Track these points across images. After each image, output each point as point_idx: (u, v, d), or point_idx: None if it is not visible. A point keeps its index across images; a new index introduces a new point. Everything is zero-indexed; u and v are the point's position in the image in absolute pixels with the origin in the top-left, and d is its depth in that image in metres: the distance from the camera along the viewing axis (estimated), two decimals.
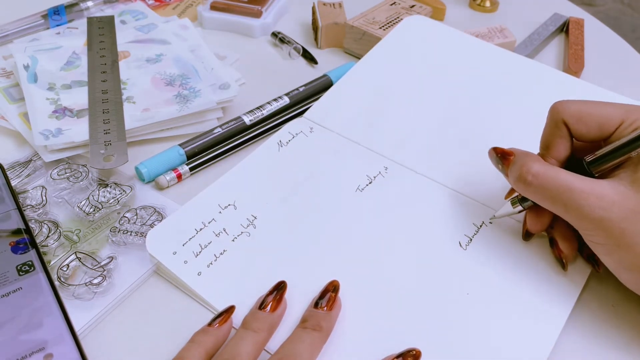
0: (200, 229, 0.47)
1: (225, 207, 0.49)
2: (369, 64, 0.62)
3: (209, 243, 0.46)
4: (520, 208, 0.45)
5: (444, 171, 0.52)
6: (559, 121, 0.43)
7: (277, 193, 0.50)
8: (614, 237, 0.38)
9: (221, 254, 0.45)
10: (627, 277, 0.40)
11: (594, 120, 0.42)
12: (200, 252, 0.45)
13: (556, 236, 0.44)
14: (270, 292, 0.42)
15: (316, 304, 0.41)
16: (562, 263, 0.44)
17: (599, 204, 0.38)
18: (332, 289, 0.42)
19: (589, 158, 0.42)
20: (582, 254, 0.45)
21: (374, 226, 0.48)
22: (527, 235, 0.46)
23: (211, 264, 0.45)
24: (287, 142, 0.55)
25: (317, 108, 0.58)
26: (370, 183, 0.51)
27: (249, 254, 0.46)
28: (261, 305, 0.41)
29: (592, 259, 0.44)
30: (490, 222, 0.48)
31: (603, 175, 0.41)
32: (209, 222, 0.47)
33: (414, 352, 0.39)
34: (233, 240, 0.46)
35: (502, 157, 0.44)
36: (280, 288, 0.42)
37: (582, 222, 0.39)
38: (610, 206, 0.38)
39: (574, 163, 0.44)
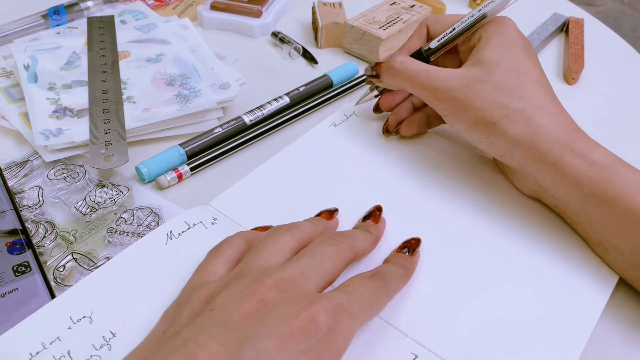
0: (37, 353, 0.36)
1: (79, 321, 0.38)
2: (297, 150, 0.56)
3: None
4: (376, 92, 0.58)
5: None
6: (422, 24, 0.55)
7: (149, 301, 0.40)
8: (459, 101, 0.48)
9: None
10: (476, 135, 0.48)
11: (448, 21, 0.53)
12: None
13: (392, 112, 0.57)
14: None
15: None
16: (386, 131, 0.57)
17: (448, 77, 0.49)
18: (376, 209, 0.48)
19: (425, 47, 0.53)
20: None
21: None
22: (377, 109, 0.58)
23: None
24: (179, 234, 0.45)
25: (226, 196, 0.50)
26: None
27: None
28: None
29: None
30: (355, 106, 0.60)
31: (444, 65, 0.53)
32: (51, 343, 0.37)
33: (413, 240, 0.45)
34: None
35: (377, 65, 0.54)
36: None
37: (436, 93, 0.49)
38: (456, 78, 0.48)
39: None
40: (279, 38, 0.72)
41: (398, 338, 0.40)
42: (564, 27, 0.78)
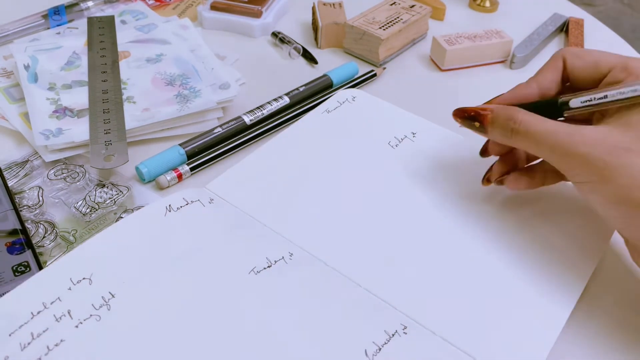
0: (38, 312, 0.37)
1: (78, 282, 0.40)
2: (291, 136, 0.56)
3: (45, 330, 0.37)
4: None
5: (360, 268, 0.44)
6: (558, 56, 0.45)
7: (150, 266, 0.42)
8: (598, 170, 0.39)
9: (56, 345, 0.36)
10: (613, 213, 0.40)
11: (591, 58, 0.44)
12: (29, 343, 0.36)
13: (499, 159, 0.49)
14: None
15: None
16: (487, 180, 0.49)
17: (583, 141, 0.39)
18: None
19: (563, 99, 0.43)
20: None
21: (266, 317, 0.40)
22: (484, 152, 0.50)
23: (40, 359, 0.36)
24: (177, 208, 0.47)
25: (222, 180, 0.51)
26: (269, 267, 0.43)
27: (94, 346, 0.37)
28: None
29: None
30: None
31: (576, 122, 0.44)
32: (52, 303, 0.38)
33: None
34: (77, 327, 0.37)
35: (477, 115, 0.45)
36: None
37: (568, 160, 0.40)
38: (594, 143, 0.39)
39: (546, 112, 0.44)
40: (279, 38, 0.72)
41: (387, 309, 0.41)
42: (564, 28, 0.78)
